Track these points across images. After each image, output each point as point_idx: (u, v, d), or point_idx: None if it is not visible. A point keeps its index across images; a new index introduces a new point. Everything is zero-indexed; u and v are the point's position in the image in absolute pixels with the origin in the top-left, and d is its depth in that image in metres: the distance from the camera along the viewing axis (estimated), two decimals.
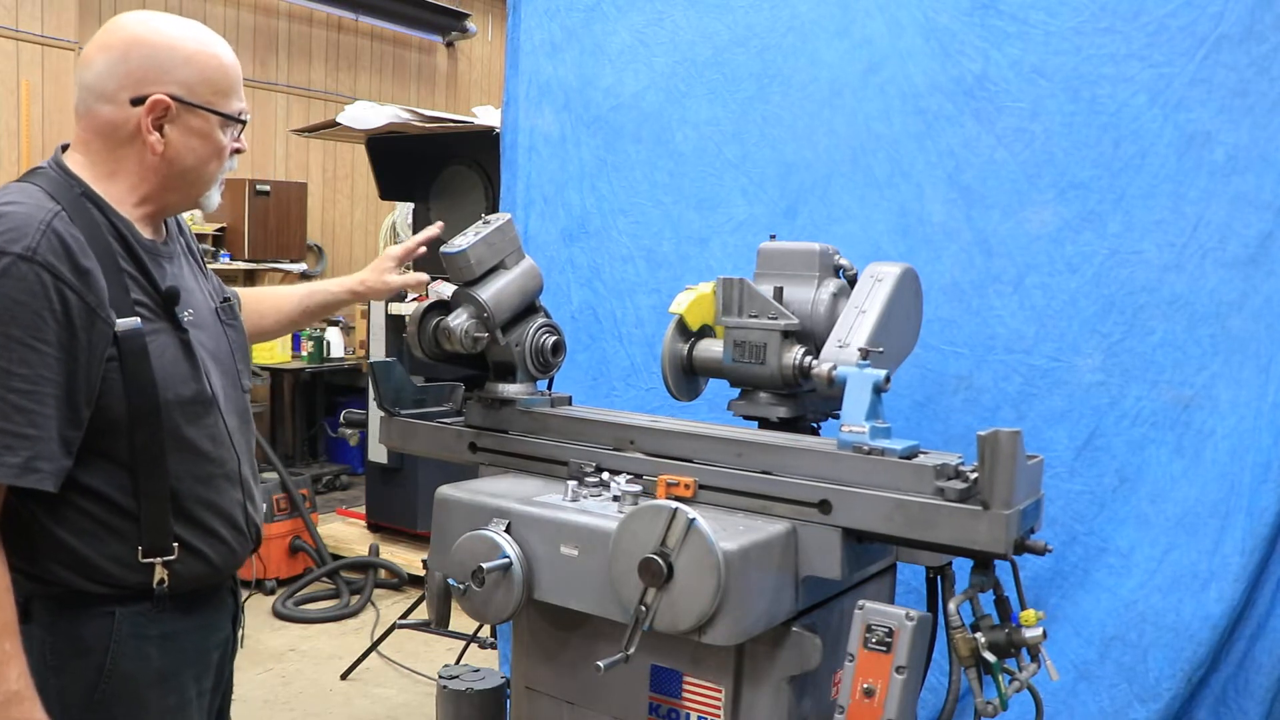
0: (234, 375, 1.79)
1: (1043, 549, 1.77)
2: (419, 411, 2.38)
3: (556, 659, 2.07)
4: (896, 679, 1.72)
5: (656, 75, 3.16)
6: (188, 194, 1.72)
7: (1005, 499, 1.67)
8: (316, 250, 7.94)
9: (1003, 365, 2.62)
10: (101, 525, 1.58)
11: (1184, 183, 2.44)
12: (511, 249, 2.21)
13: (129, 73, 1.61)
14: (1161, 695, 2.40)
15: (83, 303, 1.52)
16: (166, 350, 1.62)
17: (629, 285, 3.20)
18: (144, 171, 1.65)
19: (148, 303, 1.61)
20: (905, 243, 2.74)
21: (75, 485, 1.56)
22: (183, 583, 1.66)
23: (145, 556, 1.60)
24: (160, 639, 1.65)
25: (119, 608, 1.61)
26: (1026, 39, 2.59)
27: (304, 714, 3.93)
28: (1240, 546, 2.33)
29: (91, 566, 1.58)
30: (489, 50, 9.36)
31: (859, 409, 1.87)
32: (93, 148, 1.64)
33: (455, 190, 5.62)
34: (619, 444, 2.10)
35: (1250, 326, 2.38)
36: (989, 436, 1.67)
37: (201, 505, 1.67)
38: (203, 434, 1.67)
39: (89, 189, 1.61)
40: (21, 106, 6.10)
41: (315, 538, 5.33)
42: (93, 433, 1.56)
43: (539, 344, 2.23)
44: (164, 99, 1.61)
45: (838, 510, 1.80)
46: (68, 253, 1.51)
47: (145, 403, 1.58)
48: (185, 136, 1.65)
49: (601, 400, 3.13)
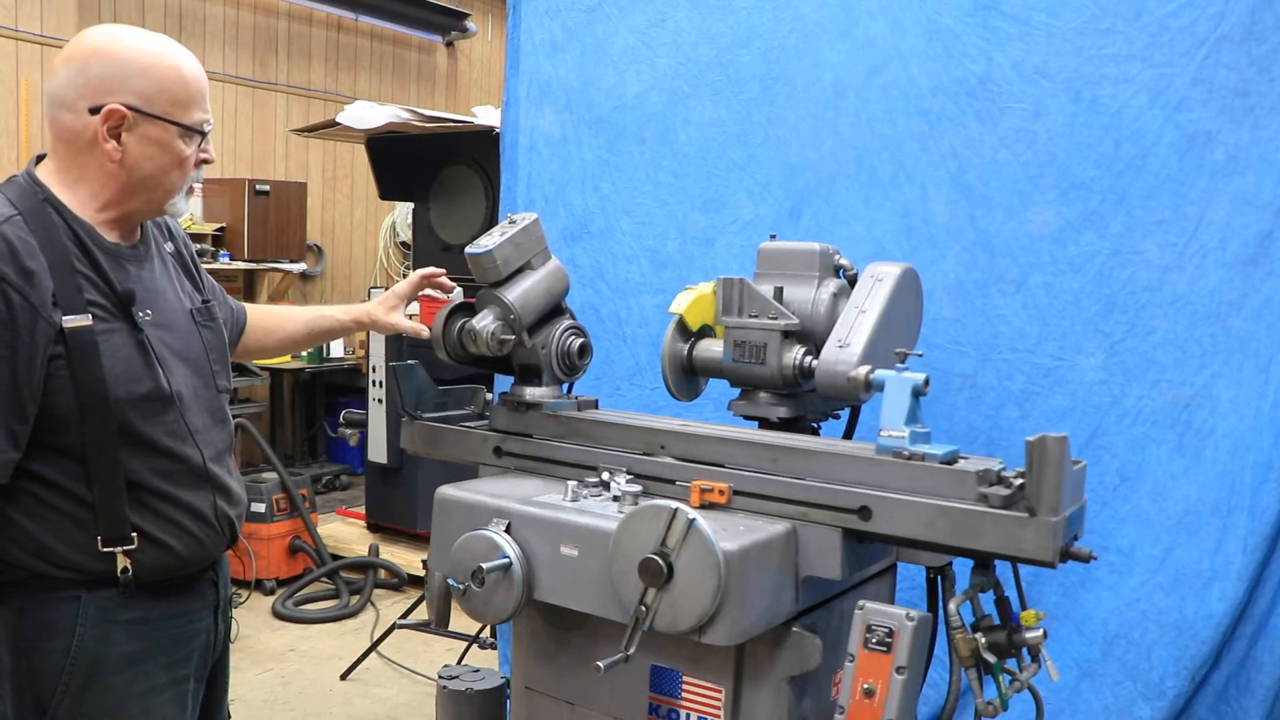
0: (207, 375, 1.85)
1: (1088, 556, 1.70)
2: (440, 415, 2.32)
3: (556, 659, 2.07)
4: (897, 679, 1.71)
5: (659, 76, 3.16)
6: (151, 201, 1.77)
7: (1053, 505, 1.62)
8: (316, 250, 7.93)
9: (1006, 364, 2.63)
10: (59, 513, 1.66)
11: (1185, 183, 2.44)
12: (538, 249, 2.18)
13: (87, 82, 1.68)
14: (1166, 693, 2.41)
15: (25, 302, 1.59)
16: (120, 349, 1.68)
17: (633, 285, 3.20)
18: (105, 179, 1.71)
19: (103, 303, 1.68)
20: (909, 243, 2.75)
21: (31, 474, 1.65)
22: (149, 572, 1.72)
23: (105, 546, 1.67)
24: (129, 624, 1.72)
25: (85, 592, 1.68)
26: (1028, 40, 2.59)
27: (304, 714, 3.93)
28: (1242, 545, 2.33)
29: (53, 552, 1.66)
30: (489, 50, 9.35)
31: (899, 413, 1.81)
32: (59, 154, 1.72)
33: (455, 190, 5.61)
34: (649, 449, 2.04)
35: (1250, 326, 2.38)
36: (1036, 442, 1.62)
37: (161, 498, 1.73)
38: (160, 430, 1.72)
39: (52, 195, 1.69)
40: (21, 106, 6.10)
41: (315, 538, 5.32)
42: (43, 426, 1.63)
43: (565, 346, 2.20)
44: (119, 109, 1.67)
45: (878, 517, 1.75)
46: (13, 255, 1.58)
47: (94, 398, 1.64)
48: (143, 145, 1.71)
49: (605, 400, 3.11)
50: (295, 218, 7.24)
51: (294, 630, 4.73)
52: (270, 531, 5.16)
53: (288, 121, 7.49)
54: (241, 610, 4.84)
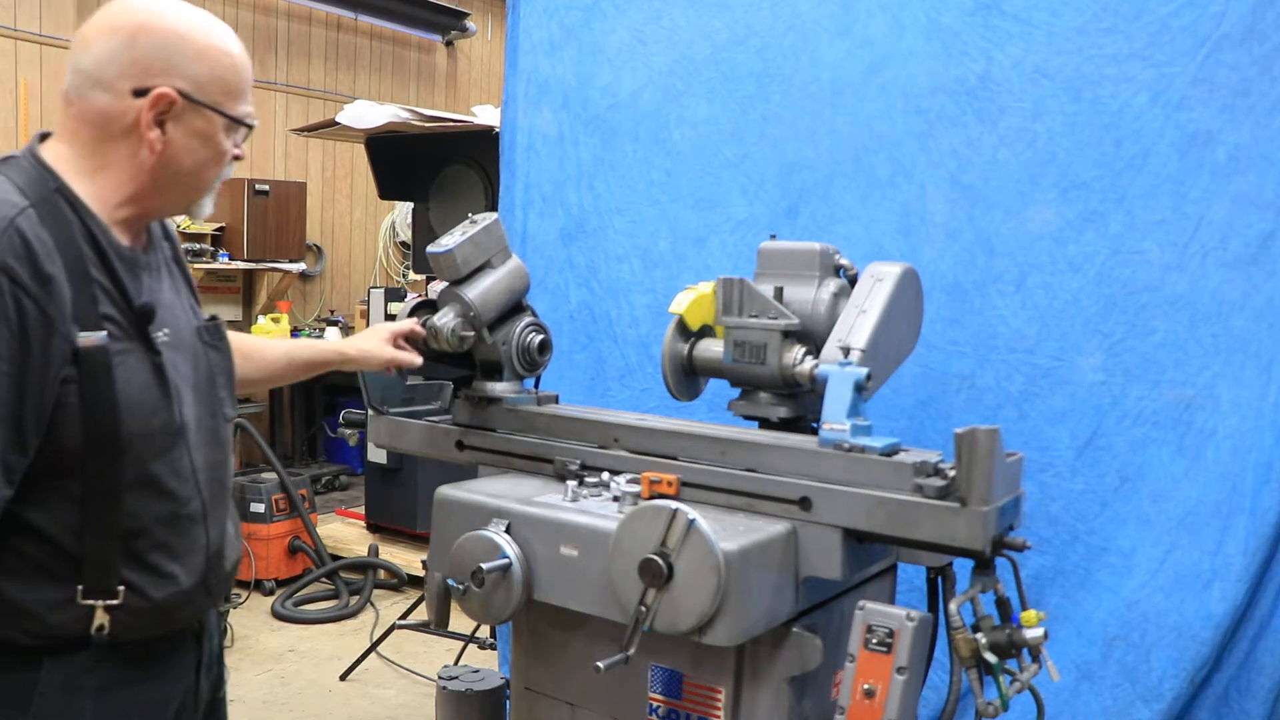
0: (213, 403, 1.61)
1: (1021, 545, 1.78)
2: (407, 410, 2.41)
3: (556, 659, 2.07)
4: (897, 680, 1.71)
5: (654, 74, 3.15)
6: (179, 199, 1.57)
7: (983, 496, 1.68)
8: (315, 250, 7.93)
9: (1005, 365, 2.62)
10: (35, 567, 1.41)
11: (1186, 182, 2.44)
12: (498, 248, 2.23)
13: (134, 60, 1.45)
14: (1164, 695, 2.40)
15: (41, 313, 1.35)
16: (136, 374, 1.45)
17: (624, 285, 3.20)
18: (134, 170, 1.49)
19: (118, 318, 1.44)
20: (907, 242, 2.74)
21: (11, 520, 1.38)
22: (126, 630, 1.47)
23: (85, 598, 1.43)
24: (97, 692, 1.47)
25: (48, 658, 1.43)
26: (1029, 39, 2.58)
27: (303, 715, 3.92)
28: (1243, 546, 2.33)
29: (16, 609, 1.41)
30: (488, 49, 9.35)
31: (840, 407, 1.88)
32: (80, 138, 1.48)
33: (454, 190, 5.61)
34: (603, 442, 2.12)
35: (1252, 326, 2.38)
36: (966, 434, 1.68)
37: (155, 547, 1.49)
38: (165, 468, 1.49)
39: (65, 185, 1.45)
40: (20, 106, 6.09)
41: (314, 538, 5.32)
42: (43, 463, 1.38)
43: (525, 343, 2.25)
44: (170, 93, 1.45)
45: (819, 507, 1.82)
46: (30, 256, 1.34)
47: (104, 431, 1.40)
48: (187, 137, 1.49)
49: (597, 400, 3.12)
50: (294, 217, 7.23)
51: (293, 631, 4.72)
52: (269, 532, 5.15)
53: (287, 121, 7.49)
54: (240, 610, 4.84)
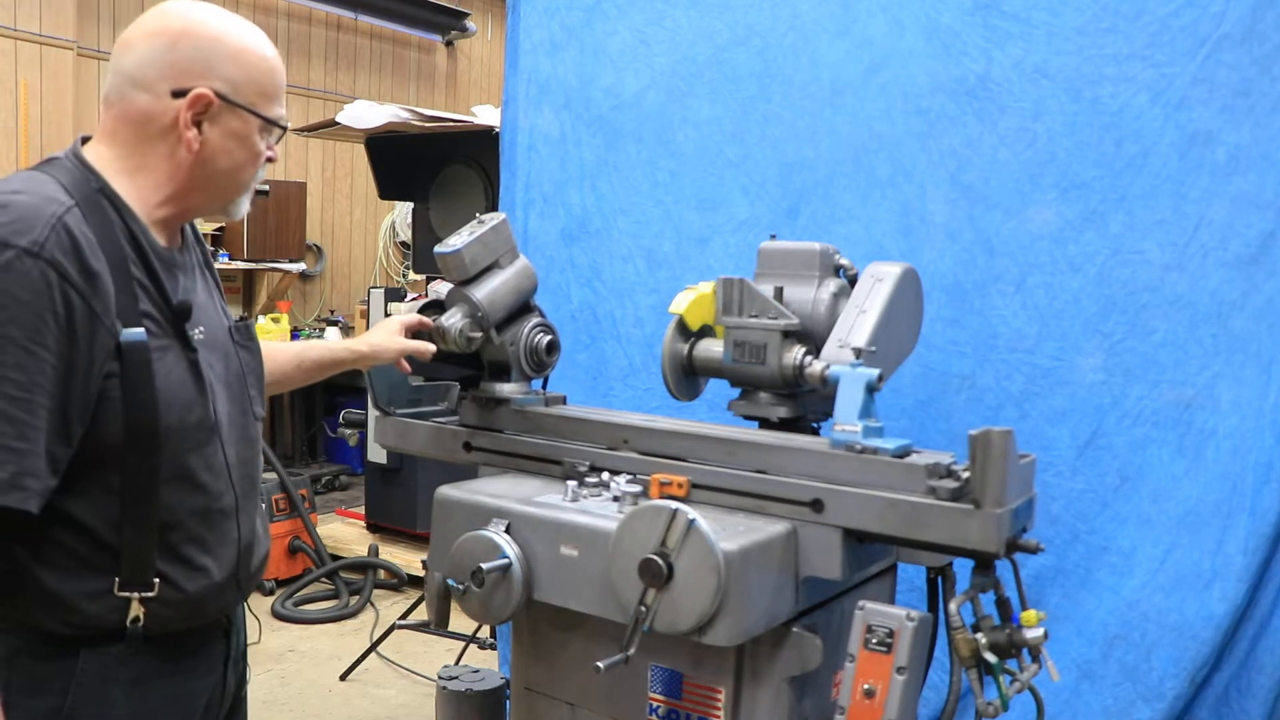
0: (244, 401, 1.67)
1: (1035, 548, 1.77)
2: (414, 411, 2.38)
3: (556, 659, 2.06)
4: (897, 680, 1.71)
5: (657, 74, 3.15)
6: (216, 198, 1.63)
7: (997, 498, 1.67)
8: (316, 250, 7.93)
9: (1005, 364, 2.62)
10: (75, 558, 1.46)
11: (1186, 182, 2.43)
12: (506, 248, 2.21)
13: (174, 63, 1.51)
14: (1165, 695, 2.40)
15: (87, 308, 1.40)
16: (173, 370, 1.50)
17: (628, 285, 3.20)
18: (173, 169, 1.55)
19: (157, 316, 1.51)
20: (907, 242, 2.74)
21: (52, 512, 1.42)
22: (160, 622, 1.53)
23: (122, 590, 1.48)
24: (130, 683, 1.52)
25: (85, 649, 1.49)
26: (1029, 39, 2.58)
27: (303, 714, 3.92)
28: (1243, 546, 2.33)
29: (56, 600, 1.46)
30: (489, 49, 9.35)
31: (852, 408, 1.87)
32: (120, 138, 1.54)
33: (454, 190, 5.61)
34: (613, 443, 2.10)
35: (1252, 326, 2.38)
36: (980, 435, 1.67)
37: (190, 541, 1.55)
38: (200, 464, 1.55)
39: (107, 185, 1.51)
40: (20, 106, 6.09)
41: (314, 538, 5.32)
42: (84, 455, 1.43)
43: (533, 343, 2.24)
44: (207, 94, 1.51)
45: (830, 509, 1.80)
46: (77, 252, 1.40)
47: (144, 425, 1.46)
48: (223, 137, 1.55)
49: (600, 400, 3.12)
50: (295, 217, 7.24)
51: (293, 630, 4.72)
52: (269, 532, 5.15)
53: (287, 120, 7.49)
54: None
